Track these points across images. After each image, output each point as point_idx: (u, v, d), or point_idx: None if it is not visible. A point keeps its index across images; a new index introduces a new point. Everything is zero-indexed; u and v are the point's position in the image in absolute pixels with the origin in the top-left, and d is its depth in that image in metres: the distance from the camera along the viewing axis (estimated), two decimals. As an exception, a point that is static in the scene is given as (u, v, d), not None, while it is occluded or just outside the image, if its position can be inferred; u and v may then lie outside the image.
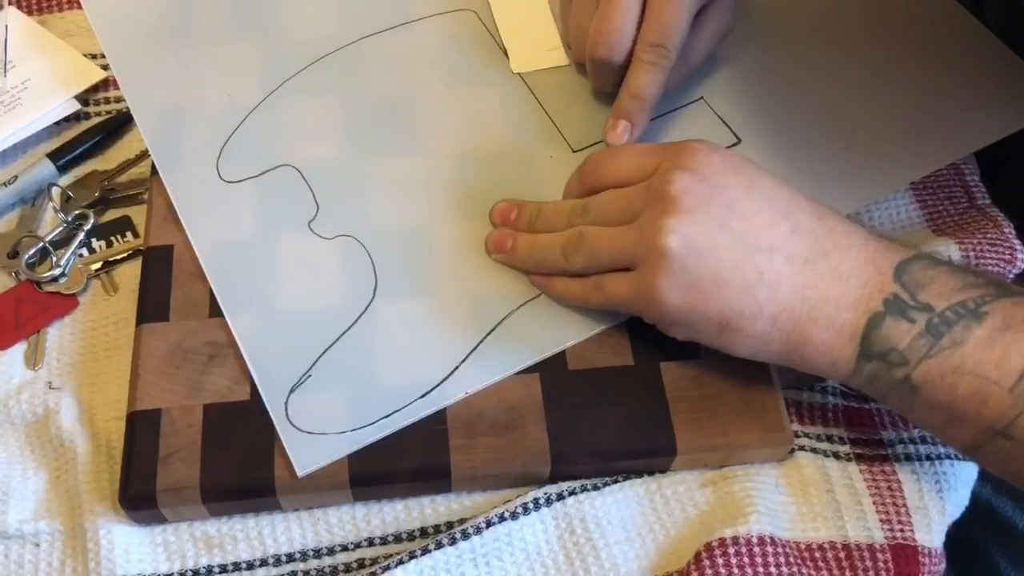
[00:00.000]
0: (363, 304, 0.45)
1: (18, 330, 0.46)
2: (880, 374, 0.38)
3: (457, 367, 0.44)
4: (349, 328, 0.45)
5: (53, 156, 0.52)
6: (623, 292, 0.42)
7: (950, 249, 0.49)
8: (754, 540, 0.40)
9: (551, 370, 0.44)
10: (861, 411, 0.46)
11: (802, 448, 0.44)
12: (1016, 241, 0.50)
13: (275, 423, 0.42)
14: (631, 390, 0.43)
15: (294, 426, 0.42)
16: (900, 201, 0.52)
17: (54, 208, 0.50)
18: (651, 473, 0.43)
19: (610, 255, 0.42)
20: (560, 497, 0.42)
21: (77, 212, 0.50)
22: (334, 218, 0.48)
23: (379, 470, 0.41)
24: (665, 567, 0.41)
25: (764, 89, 0.54)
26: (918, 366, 0.37)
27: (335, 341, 0.44)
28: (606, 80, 0.50)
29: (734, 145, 0.51)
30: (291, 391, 0.43)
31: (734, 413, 0.43)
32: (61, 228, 0.49)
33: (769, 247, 0.39)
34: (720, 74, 0.54)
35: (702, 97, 0.53)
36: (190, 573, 0.41)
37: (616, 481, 0.43)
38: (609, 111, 0.49)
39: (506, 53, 0.55)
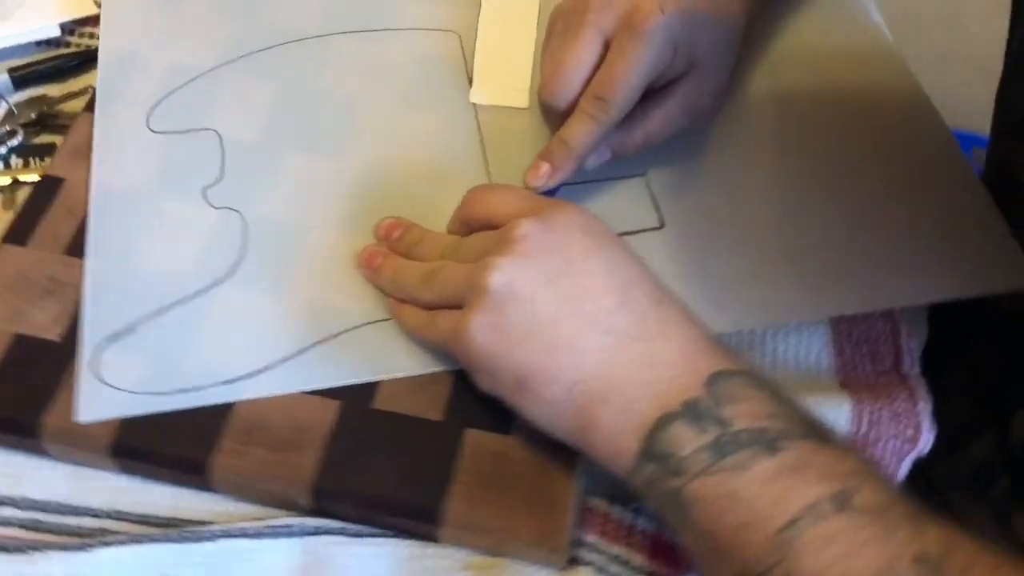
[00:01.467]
0: (212, 280, 0.45)
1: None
2: (657, 479, 0.35)
3: (270, 367, 0.42)
4: (189, 299, 0.44)
5: (13, 70, 0.54)
6: (446, 328, 0.40)
7: (843, 406, 0.44)
8: (485, 642, 0.37)
9: (355, 402, 0.42)
10: (671, 546, 0.41)
11: (590, 564, 0.40)
12: (927, 421, 0.45)
13: (79, 362, 0.42)
14: (426, 446, 0.41)
15: (94, 374, 0.42)
16: (815, 343, 0.47)
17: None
18: (424, 538, 0.40)
19: (452, 291, 0.41)
20: (316, 532, 0.40)
21: (8, 128, 0.52)
22: (230, 190, 0.48)
23: (142, 447, 0.40)
24: (391, 640, 0.38)
25: (712, 184, 0.50)
26: (693, 480, 0.34)
27: (170, 306, 0.44)
28: (553, 126, 0.49)
29: (654, 229, 0.48)
30: (109, 339, 0.43)
31: (518, 502, 0.39)
32: (-13, 137, 0.52)
33: (590, 315, 0.37)
34: (674, 155, 0.51)
35: (645, 173, 0.50)
36: (-63, 493, 0.41)
37: (383, 535, 0.40)
38: None
39: (471, 81, 0.54)
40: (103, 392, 0.41)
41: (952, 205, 0.50)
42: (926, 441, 0.44)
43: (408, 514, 0.40)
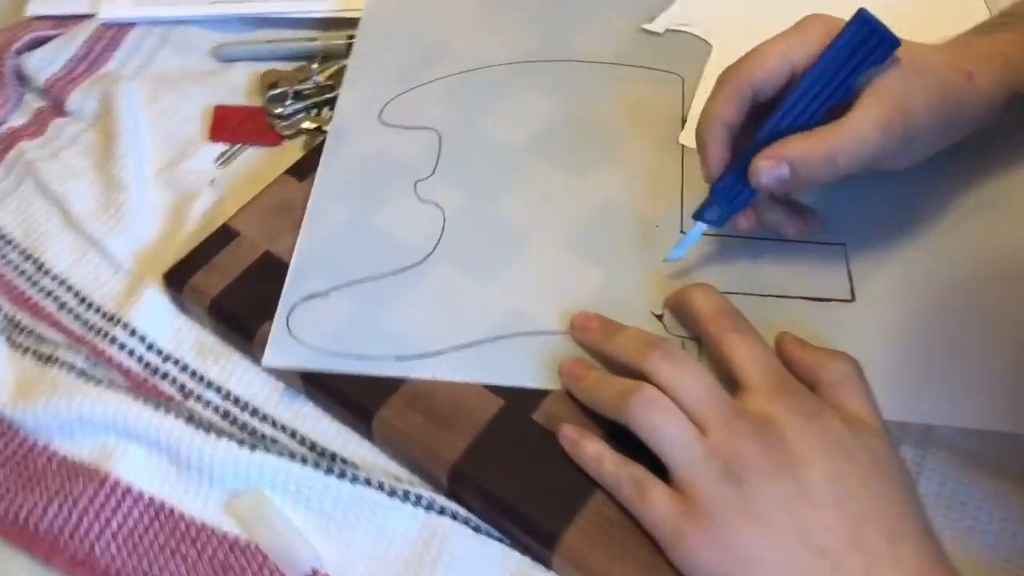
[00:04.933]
0: (407, 264, 0.48)
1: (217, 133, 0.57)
2: None
3: (443, 352, 0.44)
4: (382, 276, 0.47)
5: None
6: (661, 505, 0.38)
7: None
8: None
9: (517, 406, 0.43)
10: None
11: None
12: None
13: (276, 313, 0.46)
14: (568, 472, 0.41)
15: (286, 325, 0.45)
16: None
17: (316, 72, 0.60)
18: (535, 558, 0.41)
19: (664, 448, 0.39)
20: (442, 511, 0.41)
21: (320, 85, 0.59)
22: (437, 186, 0.51)
23: (327, 380, 0.44)
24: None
25: (912, 265, 0.47)
26: None
27: (363, 279, 0.47)
28: None
29: (845, 301, 0.46)
30: (305, 298, 0.46)
31: (633, 556, 0.38)
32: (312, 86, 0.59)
33: (821, 550, 0.35)
34: (874, 229, 0.49)
35: (845, 244, 0.48)
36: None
37: (500, 540, 0.41)
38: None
39: (683, 123, 0.54)
40: (289, 342, 0.45)
41: None
42: None
43: (526, 528, 0.40)
